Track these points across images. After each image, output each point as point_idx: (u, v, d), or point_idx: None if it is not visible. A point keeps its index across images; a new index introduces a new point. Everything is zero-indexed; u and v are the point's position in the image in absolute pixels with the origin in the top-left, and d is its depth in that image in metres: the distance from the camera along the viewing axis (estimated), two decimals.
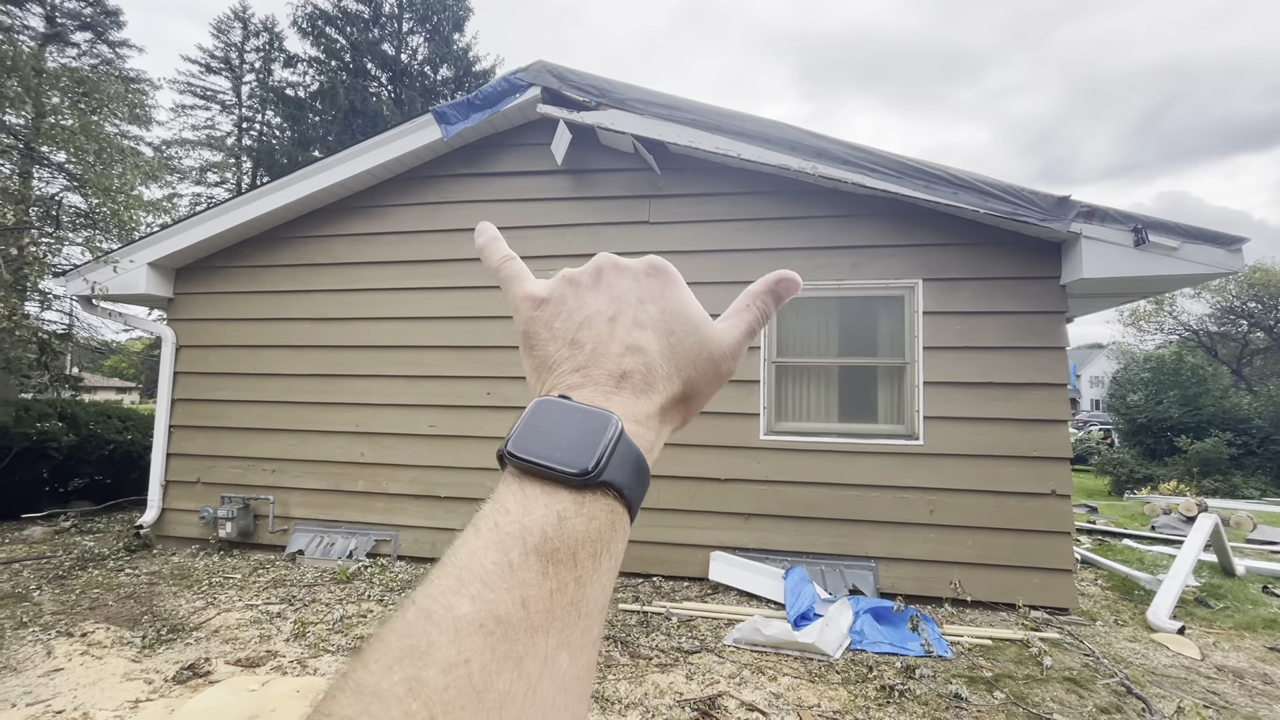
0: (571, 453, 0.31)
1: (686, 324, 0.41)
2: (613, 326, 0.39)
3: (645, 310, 0.40)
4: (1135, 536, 7.25)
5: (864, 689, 3.16)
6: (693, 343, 0.40)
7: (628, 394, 0.37)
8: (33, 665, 3.29)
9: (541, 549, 0.28)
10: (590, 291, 0.42)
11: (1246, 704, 3.18)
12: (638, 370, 0.38)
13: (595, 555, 0.30)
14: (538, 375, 0.40)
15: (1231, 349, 23.14)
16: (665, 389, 0.38)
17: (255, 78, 27.80)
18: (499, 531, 0.29)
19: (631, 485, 0.33)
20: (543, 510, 0.30)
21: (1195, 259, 4.10)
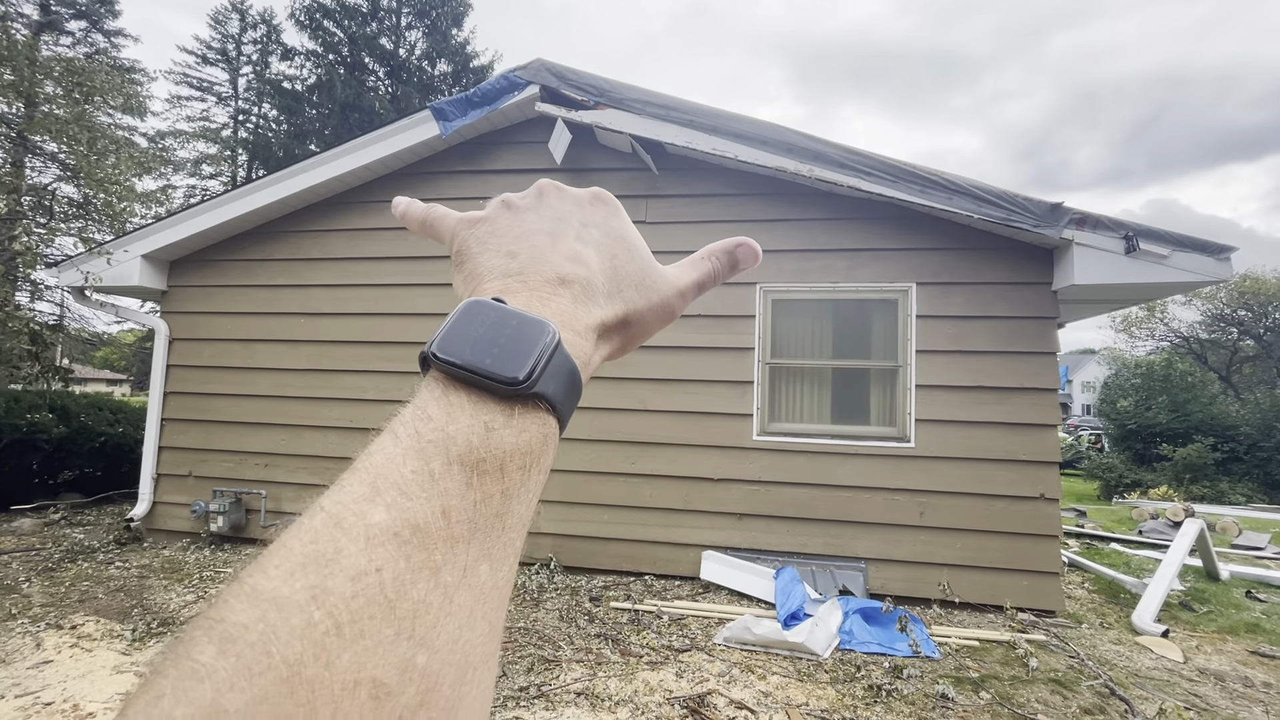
0: (503, 360, 0.29)
1: (631, 251, 0.39)
2: (554, 241, 0.38)
3: (588, 232, 0.39)
4: (1122, 540, 7.32)
5: (852, 688, 3.19)
6: (637, 269, 0.39)
7: (566, 300, 0.35)
8: (21, 657, 3.28)
9: (466, 459, 0.27)
10: (531, 212, 0.40)
11: (1227, 706, 3.23)
12: (578, 279, 0.36)
13: (524, 468, 0.28)
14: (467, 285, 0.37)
15: (1221, 356, 23.36)
16: (607, 306, 0.36)
17: (252, 70, 27.65)
18: (420, 439, 0.27)
19: (564, 397, 0.31)
20: (469, 419, 0.28)
21: (1185, 267, 4.15)
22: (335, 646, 0.20)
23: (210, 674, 0.19)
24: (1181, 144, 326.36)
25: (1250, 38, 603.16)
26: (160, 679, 0.19)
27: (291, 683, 0.19)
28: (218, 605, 0.21)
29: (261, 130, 26.85)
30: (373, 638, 0.21)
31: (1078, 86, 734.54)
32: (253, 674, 0.19)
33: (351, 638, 0.21)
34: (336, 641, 0.21)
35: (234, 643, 0.20)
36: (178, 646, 0.20)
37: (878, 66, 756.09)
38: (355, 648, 0.21)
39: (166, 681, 0.19)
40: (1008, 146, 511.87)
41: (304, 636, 0.20)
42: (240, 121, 27.84)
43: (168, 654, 0.20)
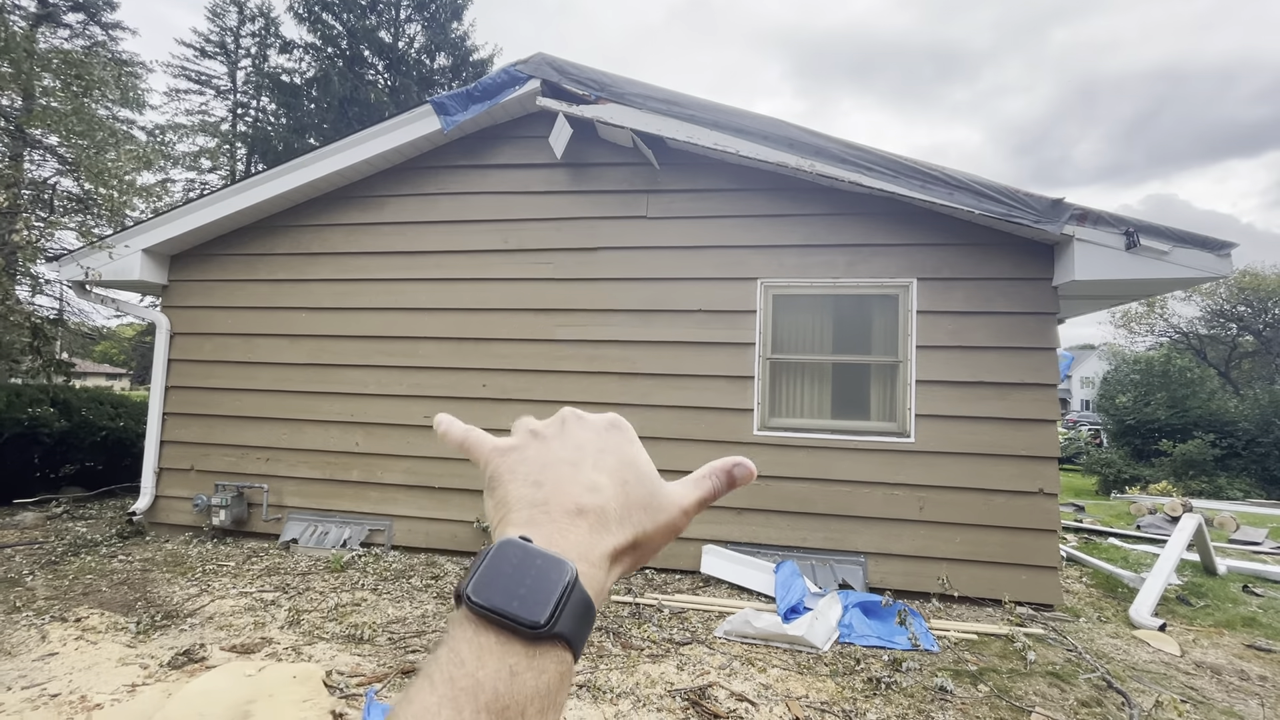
0: (528, 604, 0.33)
1: (640, 476, 0.43)
2: (574, 470, 0.42)
3: (604, 459, 0.43)
4: (1120, 535, 7.35)
5: (851, 681, 3.22)
6: (645, 493, 0.43)
7: (583, 532, 0.38)
8: (27, 650, 3.30)
9: (493, 706, 0.30)
10: (554, 441, 0.44)
11: (1223, 699, 3.26)
12: (594, 509, 0.40)
13: (542, 711, 0.31)
14: (498, 511, 0.41)
15: (1220, 352, 23.38)
16: (619, 533, 0.40)
17: (251, 63, 27.49)
18: (453, 687, 0.30)
19: (579, 632, 0.34)
20: (496, 664, 0.31)
21: (1185, 263, 4.16)
22: None
23: None
24: (1181, 139, 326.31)
25: (1250, 33, 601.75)
26: None
27: None
28: None
29: (260, 124, 26.73)
30: None
31: (1077, 81, 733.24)
32: None
33: None
34: None
35: None
36: None
37: (877, 60, 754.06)
38: None
39: None
40: (1007, 141, 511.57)
41: None
42: (239, 115, 27.70)
43: None
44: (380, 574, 4.66)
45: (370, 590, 4.34)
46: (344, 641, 3.51)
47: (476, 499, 5.20)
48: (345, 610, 3.96)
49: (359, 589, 4.36)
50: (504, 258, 5.32)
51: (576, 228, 5.24)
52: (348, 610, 3.96)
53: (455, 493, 5.23)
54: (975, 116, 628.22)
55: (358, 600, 4.14)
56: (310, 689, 2.75)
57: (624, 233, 5.17)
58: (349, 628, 3.65)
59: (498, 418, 5.19)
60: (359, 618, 3.82)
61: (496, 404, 5.22)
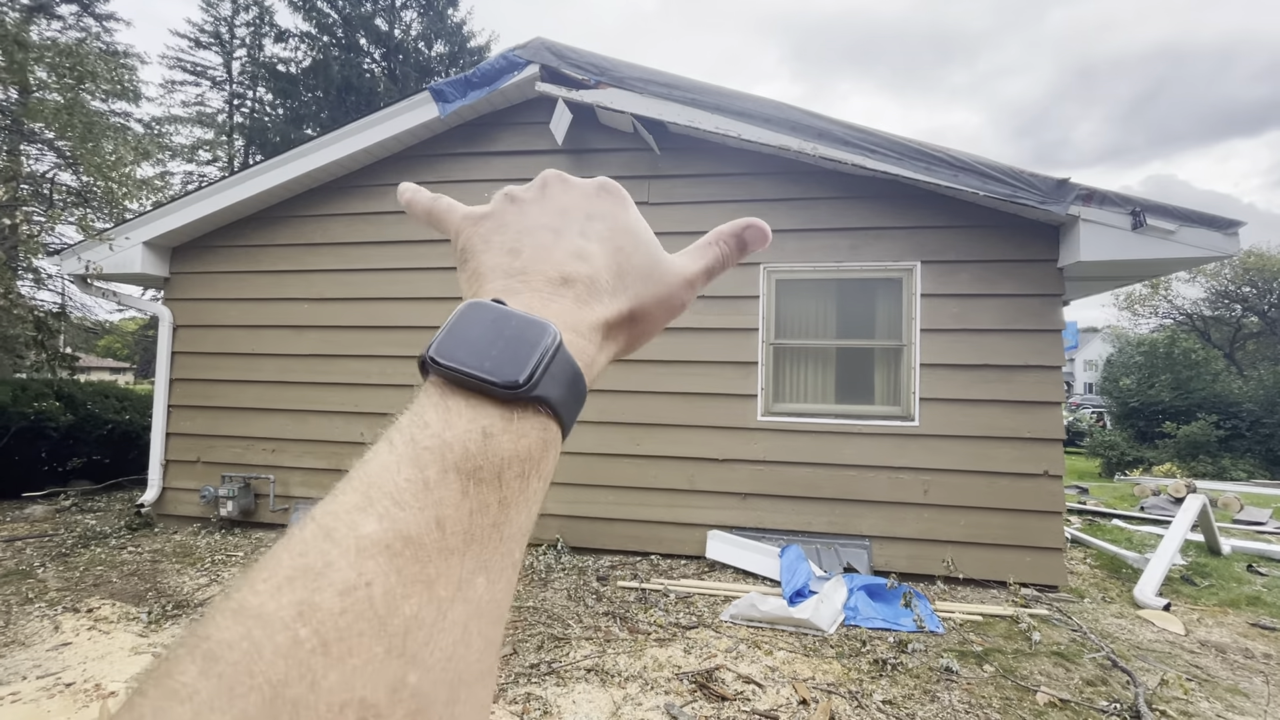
0: (502, 363, 0.28)
1: (637, 243, 0.38)
2: (557, 237, 0.37)
3: (593, 225, 0.38)
4: (1124, 517, 7.37)
5: (857, 662, 3.24)
6: (643, 262, 0.38)
7: (569, 301, 0.34)
8: (40, 640, 3.34)
9: (463, 466, 0.26)
10: (534, 205, 0.39)
11: (1228, 677, 3.28)
12: (581, 278, 0.35)
13: (523, 475, 0.28)
14: (470, 285, 0.37)
15: (1225, 333, 23.29)
16: (611, 303, 0.36)
17: (246, 53, 27.28)
18: (415, 446, 0.26)
19: (567, 401, 0.30)
20: (466, 425, 0.27)
21: (1192, 242, 4.12)
22: (321, 666, 0.20)
23: (191, 695, 0.19)
24: (1181, 119, 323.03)
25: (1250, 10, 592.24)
26: (141, 699, 0.19)
27: (275, 704, 0.19)
28: (204, 622, 0.21)
29: (257, 114, 26.58)
30: (361, 656, 0.20)
31: (1076, 62, 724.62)
32: (234, 695, 0.19)
33: (339, 656, 0.20)
34: (323, 660, 0.20)
35: (216, 662, 0.19)
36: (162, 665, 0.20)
37: (875, 43, 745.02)
38: (343, 667, 0.20)
39: (147, 702, 0.19)
40: (1007, 124, 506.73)
41: (289, 655, 0.20)
42: (236, 106, 27.53)
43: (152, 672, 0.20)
44: None
45: None
46: None
47: None
48: None
49: None
50: None
51: None
52: None
53: None
54: (974, 99, 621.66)
55: None
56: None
57: None
58: None
59: None
60: None
61: None
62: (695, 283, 0.40)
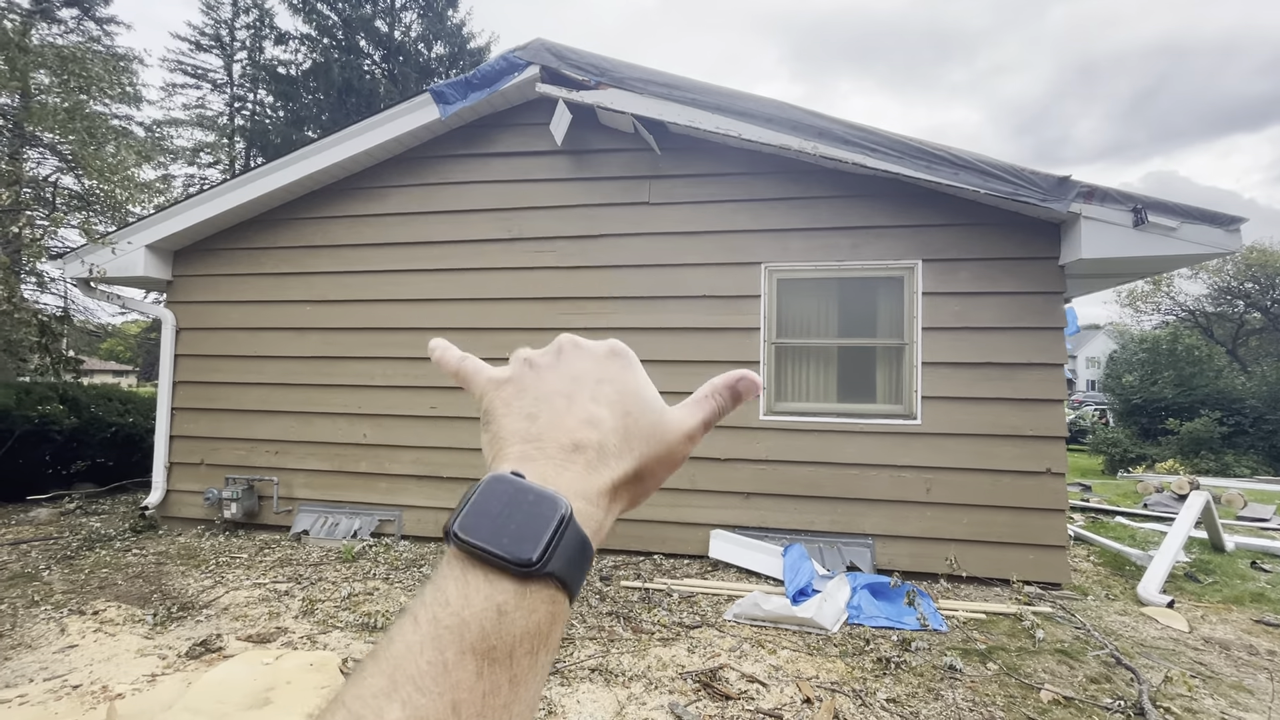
0: (518, 540, 0.31)
1: (643, 405, 0.41)
2: (570, 403, 0.40)
3: (602, 390, 0.41)
4: (1128, 514, 7.37)
5: (861, 661, 3.24)
6: (648, 423, 0.40)
7: (580, 468, 0.37)
8: (47, 642, 3.35)
9: (479, 647, 0.29)
10: (550, 371, 0.42)
11: (1232, 674, 3.28)
12: (591, 444, 0.38)
13: (533, 652, 0.30)
14: (492, 448, 0.40)
15: (1227, 329, 23.24)
16: (618, 466, 0.38)
17: (247, 55, 27.31)
18: (437, 626, 0.29)
19: (574, 572, 0.33)
20: (483, 602, 0.30)
21: (1194, 239, 4.12)
22: None
23: None
24: (1183, 115, 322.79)
25: (1250, 5, 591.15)
26: None
27: None
28: None
29: (258, 117, 26.61)
30: None
31: (1077, 59, 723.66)
32: None
33: None
34: None
35: None
36: None
37: (874, 42, 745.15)
38: None
39: None
40: (1007, 121, 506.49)
41: None
42: (236, 108, 27.56)
43: None
44: (391, 563, 4.70)
45: (382, 579, 4.39)
46: (358, 630, 3.55)
47: None
48: (358, 599, 4.00)
49: (371, 578, 4.40)
50: (506, 247, 5.31)
51: (578, 215, 5.22)
52: (360, 599, 4.00)
53: (464, 482, 5.26)
54: (974, 97, 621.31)
55: (370, 589, 4.19)
56: (327, 676, 2.79)
57: (626, 219, 5.15)
58: (362, 616, 3.69)
59: None
60: (372, 606, 3.86)
61: None
62: (695, 437, 0.43)
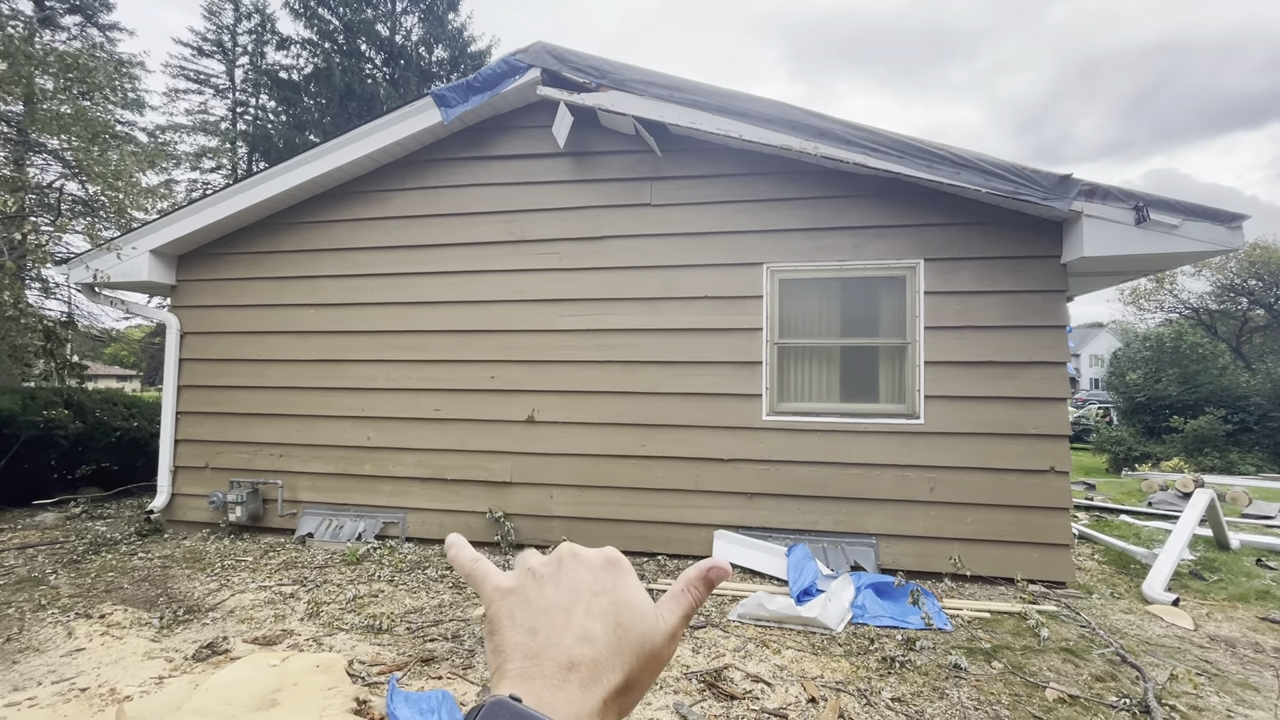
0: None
1: (634, 615, 0.44)
2: (567, 617, 0.42)
3: (598, 602, 0.44)
4: (1132, 512, 7.35)
5: (866, 660, 3.24)
6: (639, 633, 0.43)
7: (574, 688, 0.39)
8: (54, 646, 3.37)
9: None
10: (550, 583, 0.45)
11: (1238, 671, 3.27)
12: (586, 661, 0.40)
13: None
14: (495, 659, 0.42)
15: (1231, 326, 23.16)
16: (611, 678, 0.40)
17: (248, 61, 27.43)
18: None
19: None
20: None
21: (1196, 236, 4.12)
22: None
23: None
24: (1184, 113, 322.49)
25: (1250, 4, 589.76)
26: None
27: None
28: None
29: (260, 121, 26.71)
30: None
31: (1077, 58, 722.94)
32: None
33: None
34: None
35: None
36: None
37: (873, 42, 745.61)
38: None
39: None
40: (1008, 120, 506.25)
41: None
42: (239, 113, 27.68)
43: None
44: (396, 565, 4.71)
45: (387, 582, 4.40)
46: (363, 632, 3.56)
47: (489, 490, 5.25)
48: (363, 601, 4.01)
49: (376, 581, 4.41)
50: (509, 249, 5.33)
51: (581, 217, 5.23)
52: (366, 601, 4.01)
53: (468, 484, 5.28)
54: (975, 96, 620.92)
55: (375, 592, 4.20)
56: (333, 678, 2.80)
57: (629, 221, 5.16)
58: (368, 618, 3.70)
59: (507, 409, 5.22)
60: (377, 608, 3.87)
61: (506, 395, 5.25)
62: (677, 636, 0.46)
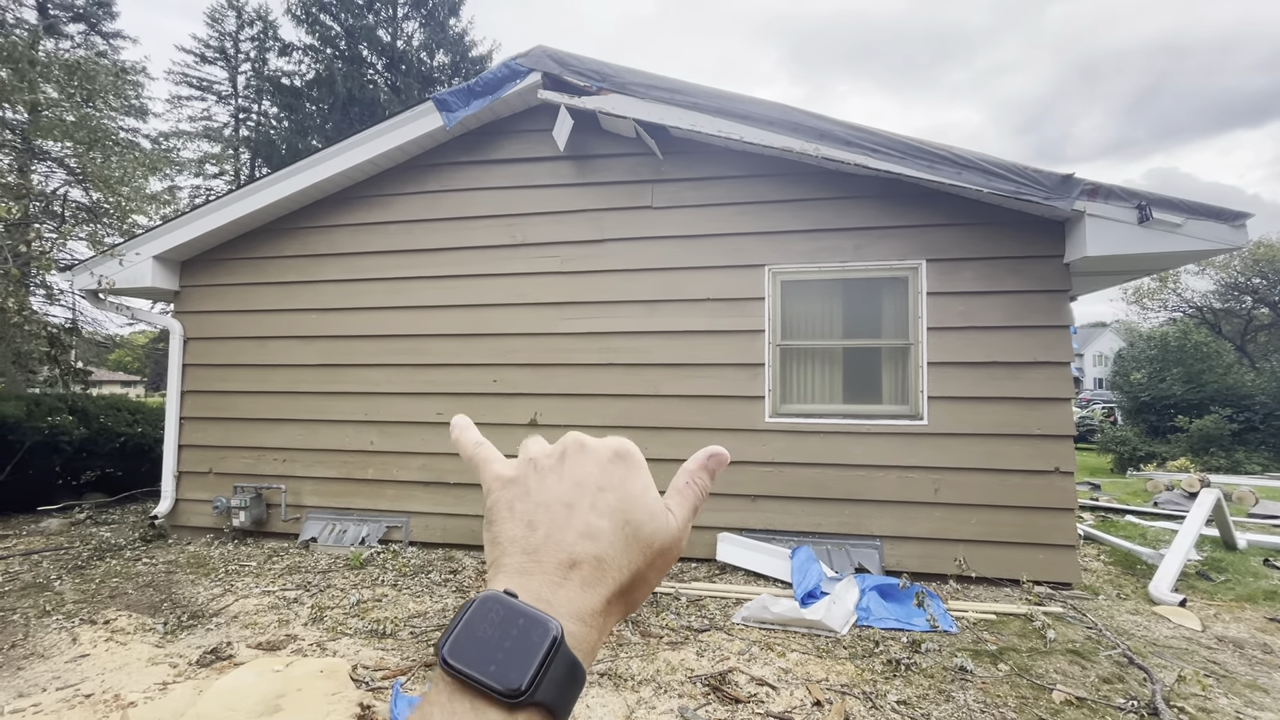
0: (506, 668, 0.31)
1: (643, 512, 0.41)
2: (569, 512, 0.40)
3: (604, 498, 0.40)
4: (1138, 513, 7.31)
5: (871, 663, 3.23)
6: (648, 531, 0.40)
7: (575, 586, 0.36)
8: (59, 651, 3.37)
9: None
10: (552, 475, 0.42)
11: (1246, 672, 3.25)
12: (588, 560, 0.37)
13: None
14: (492, 551, 0.40)
15: (1235, 325, 23.07)
16: (616, 576, 0.38)
17: (251, 67, 27.57)
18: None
19: (564, 697, 0.33)
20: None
21: (1199, 235, 4.10)
22: None
23: None
24: (1184, 112, 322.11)
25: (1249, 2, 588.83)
26: None
27: None
28: None
29: (263, 127, 26.82)
30: None
31: (1077, 58, 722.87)
32: None
33: None
34: None
35: None
36: None
37: (873, 44, 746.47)
38: None
39: None
40: (1008, 121, 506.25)
41: None
42: (241, 119, 27.81)
43: None
44: (399, 570, 4.71)
45: (390, 586, 4.39)
46: (367, 636, 3.56)
47: None
48: (367, 606, 4.01)
49: (379, 585, 4.41)
50: (511, 252, 5.33)
51: (582, 220, 5.24)
52: (369, 606, 4.01)
53: (471, 488, 5.27)
54: (975, 97, 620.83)
55: (378, 596, 4.19)
56: (337, 683, 2.80)
57: (630, 223, 5.16)
58: (371, 623, 3.70)
59: (509, 412, 5.22)
60: (380, 613, 3.87)
61: (508, 399, 5.25)
62: (685, 531, 0.43)
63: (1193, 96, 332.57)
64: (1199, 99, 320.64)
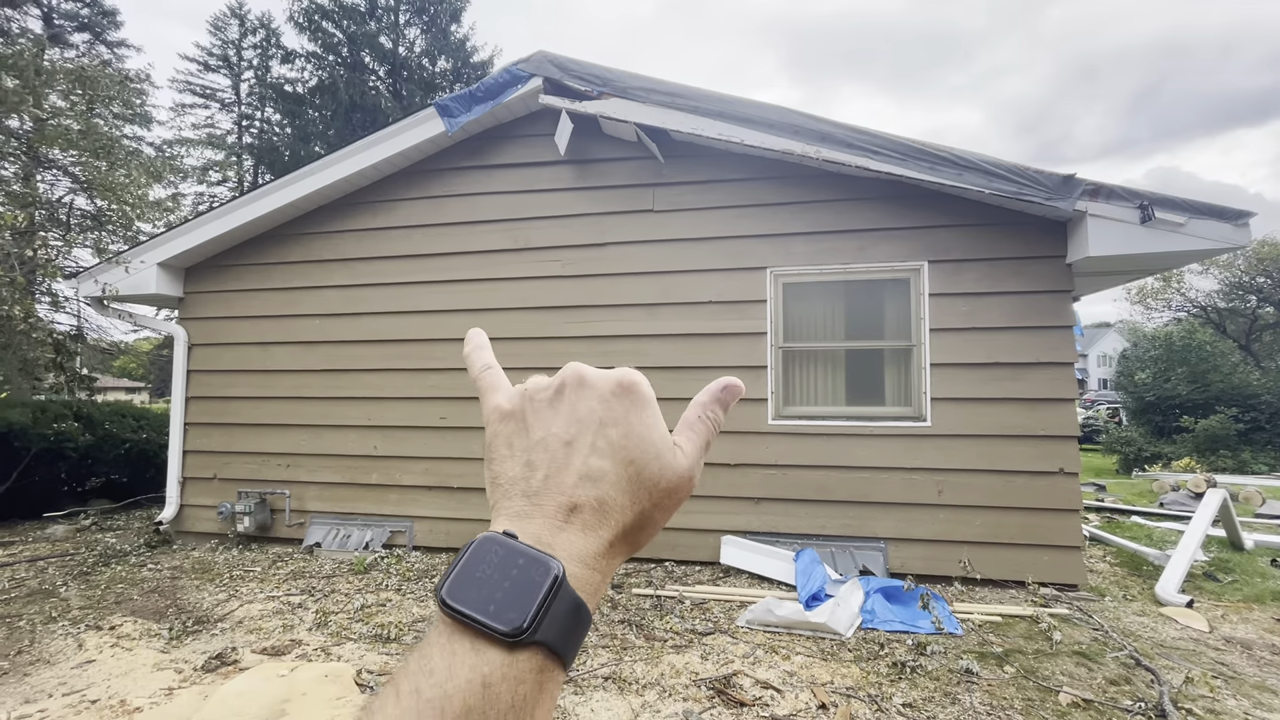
0: (505, 607, 0.30)
1: (649, 451, 0.39)
2: (569, 452, 0.38)
3: (606, 434, 0.38)
4: (1144, 513, 7.28)
5: (876, 666, 3.22)
6: (653, 470, 0.38)
7: (576, 530, 0.35)
8: (65, 658, 3.38)
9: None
10: (549, 409, 0.40)
11: (1254, 674, 3.23)
12: (589, 503, 0.36)
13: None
14: (492, 492, 0.39)
15: (1240, 324, 22.99)
16: (618, 521, 0.37)
17: (254, 75, 27.73)
18: (419, 699, 0.28)
19: (567, 639, 0.32)
20: (468, 674, 0.29)
21: (1202, 234, 4.09)
22: None
23: None
24: (1185, 111, 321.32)
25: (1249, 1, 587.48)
26: None
27: None
28: None
29: (266, 134, 26.97)
30: None
31: (1076, 58, 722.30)
32: None
33: None
34: None
35: None
36: None
37: (872, 46, 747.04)
38: None
39: None
40: (1008, 121, 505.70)
41: None
42: (244, 126, 27.97)
43: None
44: (403, 574, 4.71)
45: (394, 591, 4.40)
46: (371, 641, 3.56)
47: None
48: (371, 611, 4.01)
49: (383, 590, 4.41)
50: (513, 257, 5.35)
51: (584, 224, 5.25)
52: (373, 611, 4.02)
53: (474, 492, 5.28)
54: (975, 98, 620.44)
55: (383, 601, 4.20)
56: (342, 687, 2.80)
57: (632, 227, 5.17)
58: (376, 628, 3.70)
59: None
60: (385, 618, 3.87)
61: None
62: (696, 466, 0.41)
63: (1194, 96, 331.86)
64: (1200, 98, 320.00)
